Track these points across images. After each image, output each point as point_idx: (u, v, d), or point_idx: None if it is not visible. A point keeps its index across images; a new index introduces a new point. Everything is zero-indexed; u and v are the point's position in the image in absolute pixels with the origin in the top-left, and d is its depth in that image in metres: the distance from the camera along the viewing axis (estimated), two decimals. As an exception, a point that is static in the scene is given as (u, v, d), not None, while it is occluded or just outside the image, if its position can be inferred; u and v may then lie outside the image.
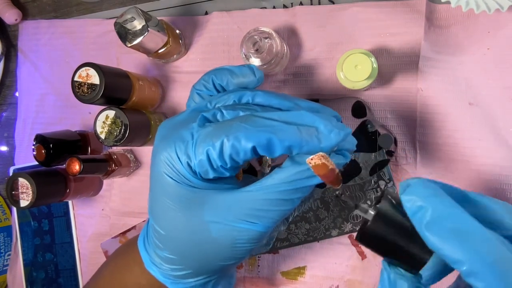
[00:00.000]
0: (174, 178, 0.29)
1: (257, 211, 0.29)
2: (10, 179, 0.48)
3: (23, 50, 0.60)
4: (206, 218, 0.29)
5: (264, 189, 0.29)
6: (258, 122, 0.26)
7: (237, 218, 0.29)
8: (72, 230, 0.57)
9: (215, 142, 0.27)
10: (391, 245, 0.24)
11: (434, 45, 0.44)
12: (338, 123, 0.27)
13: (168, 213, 0.30)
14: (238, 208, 0.29)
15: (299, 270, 0.48)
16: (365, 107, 0.45)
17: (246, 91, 0.31)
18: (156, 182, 0.30)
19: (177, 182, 0.29)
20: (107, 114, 0.45)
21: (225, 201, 0.29)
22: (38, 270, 0.58)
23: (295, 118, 0.27)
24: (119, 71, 0.46)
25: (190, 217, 0.29)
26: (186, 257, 0.31)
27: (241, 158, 0.27)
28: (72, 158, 0.46)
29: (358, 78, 0.41)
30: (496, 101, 0.42)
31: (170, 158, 0.28)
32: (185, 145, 0.28)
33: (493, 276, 0.20)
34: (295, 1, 0.49)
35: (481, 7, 0.38)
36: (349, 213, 0.46)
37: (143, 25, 0.43)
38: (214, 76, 0.33)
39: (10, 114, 0.62)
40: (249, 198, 0.29)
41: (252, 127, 0.26)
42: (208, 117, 0.29)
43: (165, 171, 0.29)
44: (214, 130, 0.27)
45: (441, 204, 0.22)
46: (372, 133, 0.45)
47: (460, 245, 0.21)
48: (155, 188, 0.30)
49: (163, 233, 0.31)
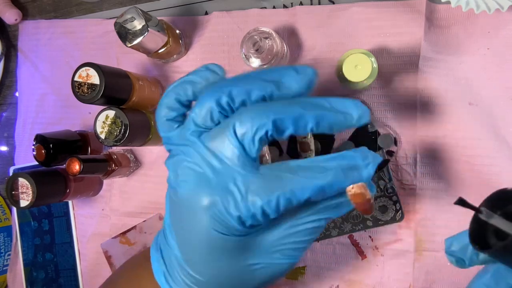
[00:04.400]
0: (223, 232, 0.28)
1: (296, 243, 0.30)
2: (10, 179, 0.48)
3: (23, 50, 0.60)
4: (250, 262, 0.30)
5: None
6: (310, 173, 0.27)
7: (279, 256, 0.30)
8: (72, 230, 0.57)
9: (271, 199, 0.26)
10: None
11: (434, 45, 0.44)
12: (371, 153, 0.28)
13: (211, 263, 0.30)
14: (279, 245, 0.30)
15: (299, 270, 0.48)
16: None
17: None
18: (198, 235, 0.29)
19: (226, 235, 0.28)
20: (107, 114, 0.45)
21: (267, 242, 0.30)
22: (38, 270, 0.58)
23: (340, 159, 0.27)
24: (119, 71, 0.46)
25: (235, 264, 0.30)
26: None
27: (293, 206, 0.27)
28: (72, 158, 0.46)
29: (358, 78, 0.41)
30: (496, 101, 0.42)
31: (219, 215, 0.27)
32: (234, 200, 0.27)
33: None
34: (295, 1, 0.49)
35: (481, 7, 0.38)
36: (349, 213, 0.46)
37: (143, 25, 0.43)
38: (175, 94, 0.31)
39: (10, 114, 0.62)
40: (288, 233, 0.30)
41: (305, 179, 0.26)
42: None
43: (214, 228, 0.28)
44: (265, 184, 0.27)
45: None
46: (372, 133, 0.45)
47: None
48: (195, 239, 0.29)
49: (202, 279, 0.30)
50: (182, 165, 0.28)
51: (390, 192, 0.45)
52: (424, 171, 0.45)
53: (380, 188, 0.45)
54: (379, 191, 0.45)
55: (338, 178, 0.26)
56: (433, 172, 0.44)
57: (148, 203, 0.54)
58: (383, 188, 0.45)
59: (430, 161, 0.44)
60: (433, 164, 0.44)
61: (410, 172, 0.45)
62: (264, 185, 0.26)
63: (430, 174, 0.44)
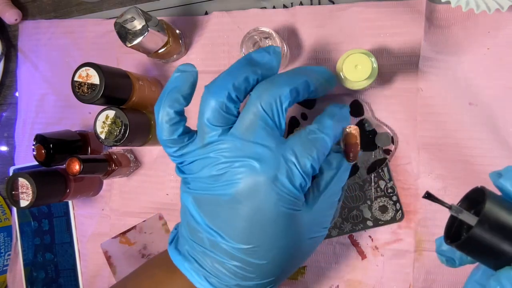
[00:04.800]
0: (289, 207, 0.31)
1: (327, 216, 0.35)
2: (10, 179, 0.48)
3: (23, 50, 0.60)
4: (307, 236, 0.33)
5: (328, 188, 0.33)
6: (325, 130, 0.33)
7: (321, 227, 0.34)
8: (72, 230, 0.57)
9: (314, 156, 0.31)
10: (498, 248, 0.22)
11: (434, 45, 0.44)
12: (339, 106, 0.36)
13: (276, 243, 0.31)
14: (321, 217, 0.34)
15: (299, 270, 0.48)
16: (363, 106, 0.45)
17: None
18: (264, 220, 0.30)
19: (291, 210, 0.31)
20: (107, 114, 0.45)
21: (312, 217, 0.33)
22: (38, 270, 0.58)
23: (332, 117, 0.34)
24: (119, 71, 0.46)
25: (295, 238, 0.32)
26: (280, 276, 0.33)
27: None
28: (72, 158, 0.46)
29: (358, 78, 0.41)
30: (496, 101, 0.42)
31: (284, 189, 0.30)
32: (293, 169, 0.30)
33: None
34: (295, 1, 0.49)
35: (481, 7, 0.38)
36: (349, 213, 0.46)
37: (143, 25, 0.43)
38: (169, 107, 0.33)
39: (10, 114, 0.62)
40: (322, 208, 0.33)
41: (324, 135, 0.32)
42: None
43: (282, 205, 0.30)
44: (305, 146, 0.31)
45: None
46: (369, 132, 0.45)
47: None
48: (258, 227, 0.30)
49: (263, 262, 0.31)
50: (219, 167, 0.30)
51: (390, 192, 0.45)
52: (424, 171, 0.44)
53: (380, 188, 0.45)
54: (379, 191, 0.45)
55: (337, 127, 0.33)
56: (433, 172, 0.44)
57: (148, 203, 0.54)
58: (383, 188, 0.45)
59: (430, 161, 0.44)
60: (433, 164, 0.44)
61: (410, 172, 0.45)
62: (304, 148, 0.30)
63: (430, 174, 0.44)
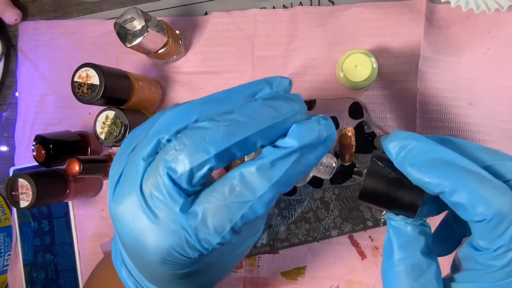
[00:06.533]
0: (186, 265, 0.25)
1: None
2: (10, 179, 0.48)
3: (23, 50, 0.60)
4: (231, 253, 0.31)
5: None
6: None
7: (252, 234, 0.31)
8: (72, 231, 0.57)
9: (224, 233, 0.23)
10: (385, 197, 0.26)
11: (434, 45, 0.44)
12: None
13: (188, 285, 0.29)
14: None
15: (299, 270, 0.48)
16: (362, 108, 0.45)
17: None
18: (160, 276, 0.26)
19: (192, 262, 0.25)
20: (107, 115, 0.45)
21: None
22: (38, 271, 0.58)
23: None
24: (119, 71, 0.46)
25: (213, 267, 0.30)
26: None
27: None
28: (72, 158, 0.46)
29: (358, 78, 0.41)
30: (496, 101, 0.42)
31: (177, 261, 0.24)
32: (188, 244, 0.23)
33: (472, 189, 0.23)
34: (295, 1, 0.49)
35: (480, 7, 0.38)
36: (349, 213, 0.46)
37: (143, 26, 0.43)
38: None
39: (10, 114, 0.62)
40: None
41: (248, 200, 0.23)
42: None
43: (173, 270, 0.25)
44: (213, 219, 0.23)
45: (419, 141, 0.25)
46: (368, 134, 0.45)
47: (440, 171, 0.24)
48: (156, 277, 0.27)
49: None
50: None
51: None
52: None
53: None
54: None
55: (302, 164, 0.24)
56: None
57: (148, 203, 0.54)
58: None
59: (430, 161, 0.44)
60: (433, 164, 0.44)
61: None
62: (214, 220, 0.23)
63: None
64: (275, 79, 0.25)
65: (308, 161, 0.24)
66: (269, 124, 0.23)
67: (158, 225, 0.23)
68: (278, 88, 0.25)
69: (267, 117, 0.23)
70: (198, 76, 0.52)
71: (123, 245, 0.27)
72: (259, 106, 0.23)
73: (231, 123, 0.22)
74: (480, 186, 0.23)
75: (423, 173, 0.24)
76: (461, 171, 0.23)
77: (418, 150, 0.24)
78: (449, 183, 0.23)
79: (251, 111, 0.23)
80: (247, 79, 0.50)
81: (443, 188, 0.23)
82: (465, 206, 0.23)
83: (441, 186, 0.23)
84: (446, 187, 0.23)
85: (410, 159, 0.24)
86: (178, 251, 0.23)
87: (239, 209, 0.22)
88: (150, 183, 0.23)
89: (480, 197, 0.23)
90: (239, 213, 0.22)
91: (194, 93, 0.52)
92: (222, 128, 0.22)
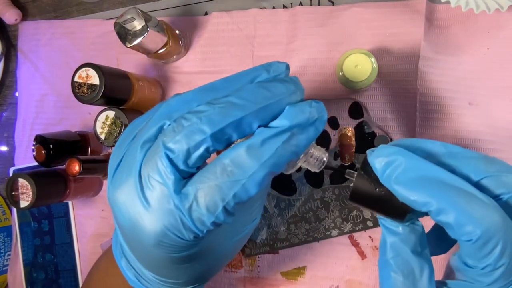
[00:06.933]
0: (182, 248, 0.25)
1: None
2: (10, 179, 0.48)
3: (23, 50, 0.60)
4: (229, 240, 0.31)
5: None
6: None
7: (250, 222, 0.31)
8: (72, 231, 0.57)
9: (218, 212, 0.23)
10: (373, 208, 0.27)
11: (434, 45, 0.44)
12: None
13: (185, 273, 0.29)
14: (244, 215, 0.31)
15: (299, 270, 0.48)
16: (362, 108, 0.45)
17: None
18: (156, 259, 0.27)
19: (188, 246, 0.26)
20: (107, 115, 0.45)
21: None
22: (38, 271, 0.58)
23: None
24: (119, 71, 0.46)
25: (209, 256, 0.30)
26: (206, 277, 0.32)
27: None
28: (72, 158, 0.46)
29: (358, 78, 0.41)
30: (496, 101, 0.42)
31: (173, 242, 0.24)
32: (183, 224, 0.23)
33: (459, 209, 0.22)
34: (295, 1, 0.49)
35: (480, 7, 0.38)
36: (349, 213, 0.46)
37: (143, 26, 0.43)
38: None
39: (10, 114, 0.62)
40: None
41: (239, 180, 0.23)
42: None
43: (169, 253, 0.25)
44: (207, 198, 0.23)
45: (405, 157, 0.24)
46: (368, 134, 0.45)
47: (426, 189, 0.23)
48: (154, 260, 0.27)
49: (178, 281, 0.29)
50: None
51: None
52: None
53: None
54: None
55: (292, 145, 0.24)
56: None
57: (148, 203, 0.54)
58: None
59: (430, 161, 0.44)
60: (433, 164, 0.44)
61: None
62: (204, 201, 0.23)
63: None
64: (272, 64, 0.26)
65: (298, 141, 0.24)
66: (264, 105, 0.23)
67: (153, 207, 0.23)
68: (275, 73, 0.25)
69: (262, 98, 0.23)
70: (198, 76, 0.52)
71: (121, 231, 0.27)
72: (254, 88, 0.24)
73: (226, 104, 0.23)
74: (467, 205, 0.22)
75: (409, 192, 0.24)
76: (448, 189, 0.23)
77: (404, 167, 0.24)
78: (436, 202, 0.23)
79: (246, 93, 0.23)
80: (247, 79, 0.50)
81: (430, 207, 0.23)
82: (452, 225, 0.23)
83: (427, 205, 0.23)
84: (433, 206, 0.23)
85: (396, 176, 0.24)
86: (174, 232, 0.23)
87: (230, 188, 0.23)
88: (149, 165, 0.23)
89: (467, 217, 0.22)
90: (231, 192, 0.23)
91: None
92: (217, 110, 0.23)
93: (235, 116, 0.22)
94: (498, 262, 0.23)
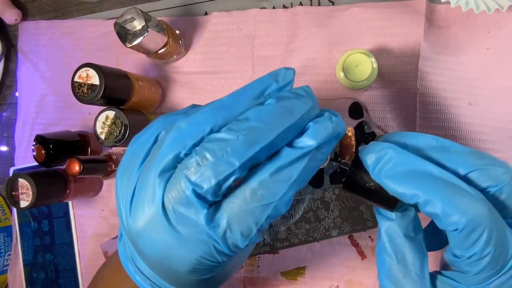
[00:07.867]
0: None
1: None
2: (10, 179, 0.48)
3: (23, 50, 0.60)
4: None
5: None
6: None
7: None
8: (72, 231, 0.57)
9: (251, 233, 0.23)
10: (366, 199, 0.28)
11: (434, 45, 0.44)
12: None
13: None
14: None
15: (299, 270, 0.48)
16: (362, 108, 0.45)
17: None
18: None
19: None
20: (107, 115, 0.45)
21: None
22: (38, 271, 0.58)
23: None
24: (119, 71, 0.46)
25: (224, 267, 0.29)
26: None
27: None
28: (72, 158, 0.46)
29: (358, 78, 0.41)
30: (496, 101, 0.42)
31: (207, 268, 0.25)
32: (217, 251, 0.24)
33: (445, 200, 0.23)
34: (295, 2, 0.49)
35: (480, 7, 0.38)
36: (349, 214, 0.46)
37: (143, 26, 0.43)
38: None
39: (10, 114, 0.62)
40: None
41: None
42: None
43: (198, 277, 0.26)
44: (241, 219, 0.23)
45: (395, 152, 0.25)
46: (368, 134, 0.45)
47: (414, 182, 0.24)
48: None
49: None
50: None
51: (390, 192, 0.45)
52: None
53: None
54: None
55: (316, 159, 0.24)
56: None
57: (148, 203, 0.54)
58: (383, 188, 0.45)
59: (430, 161, 0.44)
60: (433, 164, 0.44)
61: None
62: (239, 225, 0.23)
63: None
64: (279, 72, 0.25)
65: (322, 155, 0.24)
66: (287, 127, 0.23)
67: (185, 239, 0.23)
68: (284, 81, 0.25)
69: (284, 120, 0.23)
70: (198, 76, 0.52)
71: (145, 260, 0.26)
72: (274, 110, 0.23)
73: (249, 131, 0.22)
74: (453, 196, 0.23)
75: (398, 185, 0.24)
76: (435, 181, 0.24)
77: (394, 162, 0.25)
78: (423, 194, 0.24)
79: (266, 116, 0.23)
80: (247, 79, 0.50)
81: (417, 199, 0.24)
82: (439, 216, 0.24)
83: (415, 197, 0.24)
84: (420, 198, 0.24)
85: (385, 171, 0.25)
86: (208, 258, 0.24)
87: (262, 212, 0.23)
88: (173, 198, 0.23)
89: (453, 207, 0.23)
90: (264, 215, 0.23)
91: (194, 93, 0.52)
92: (241, 138, 0.22)
93: (260, 144, 0.22)
94: (484, 251, 0.23)
